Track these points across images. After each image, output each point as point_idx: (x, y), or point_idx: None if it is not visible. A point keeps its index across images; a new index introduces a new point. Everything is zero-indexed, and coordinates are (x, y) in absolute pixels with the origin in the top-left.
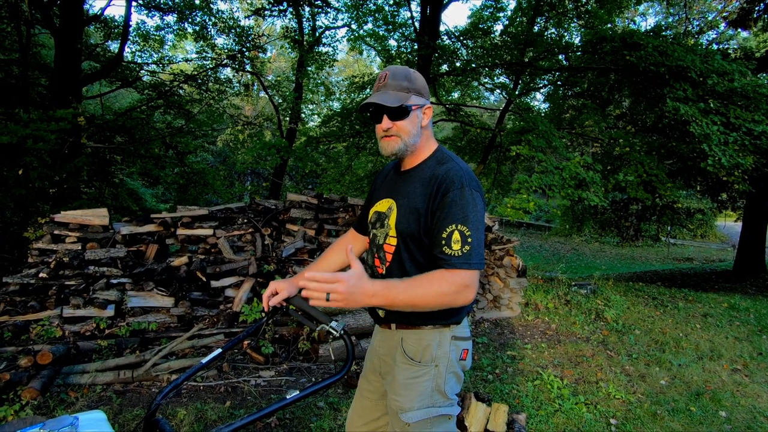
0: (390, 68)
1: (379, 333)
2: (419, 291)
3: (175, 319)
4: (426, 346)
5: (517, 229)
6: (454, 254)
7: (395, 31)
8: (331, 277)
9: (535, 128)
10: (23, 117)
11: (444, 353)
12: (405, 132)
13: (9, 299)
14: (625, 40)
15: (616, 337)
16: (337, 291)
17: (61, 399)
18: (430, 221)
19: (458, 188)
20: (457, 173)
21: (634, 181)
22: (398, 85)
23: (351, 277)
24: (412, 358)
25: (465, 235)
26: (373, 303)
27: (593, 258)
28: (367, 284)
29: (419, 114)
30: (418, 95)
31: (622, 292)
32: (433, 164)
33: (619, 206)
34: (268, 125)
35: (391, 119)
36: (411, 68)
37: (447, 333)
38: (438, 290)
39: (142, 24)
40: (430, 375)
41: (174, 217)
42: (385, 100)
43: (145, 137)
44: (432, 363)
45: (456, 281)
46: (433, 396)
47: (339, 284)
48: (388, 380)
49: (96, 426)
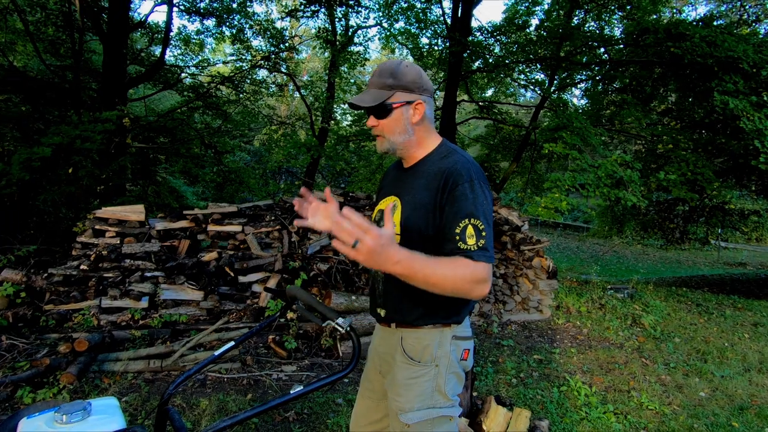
0: (380, 64)
1: (379, 331)
2: (441, 270)
3: (204, 312)
4: (426, 346)
5: (553, 229)
6: (471, 248)
7: (427, 29)
8: (366, 224)
9: (570, 125)
10: (74, 119)
11: (444, 353)
12: (388, 131)
13: (54, 289)
14: (669, 31)
15: (653, 344)
16: (366, 243)
17: (96, 384)
18: (439, 216)
19: (467, 181)
20: (464, 166)
21: (676, 180)
22: (381, 82)
23: (383, 235)
24: (411, 357)
25: (479, 229)
26: (394, 270)
27: (635, 261)
28: (394, 248)
29: (406, 111)
30: (405, 91)
31: (663, 297)
32: (436, 159)
33: (664, 207)
34: (302, 125)
35: (377, 117)
36: (406, 61)
37: (448, 332)
38: (461, 275)
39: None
40: (430, 375)
41: (205, 214)
42: (361, 100)
43: (185, 137)
44: (432, 363)
45: (477, 272)
46: (434, 397)
47: (371, 236)
48: (389, 380)
49: (107, 411)
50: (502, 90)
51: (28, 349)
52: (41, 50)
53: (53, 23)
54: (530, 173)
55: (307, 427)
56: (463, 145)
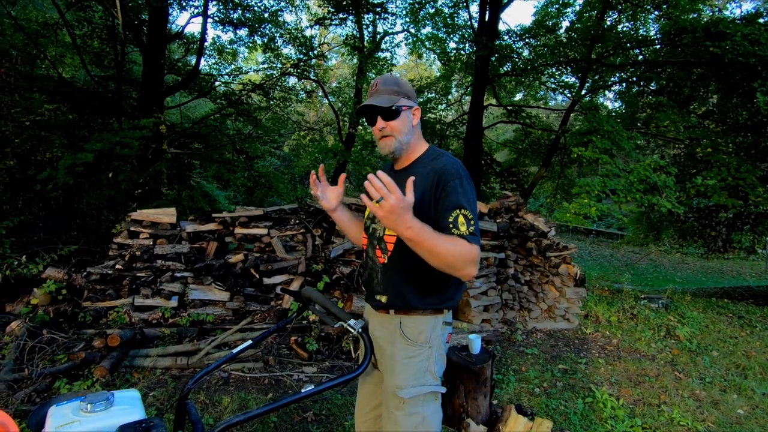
0: (380, 77)
1: (375, 318)
2: (445, 244)
3: (230, 313)
4: (423, 330)
5: (585, 236)
6: (464, 233)
7: (454, 33)
8: (394, 187)
9: (600, 128)
10: (114, 126)
11: (437, 336)
12: (397, 131)
13: (91, 287)
14: (708, 30)
15: (688, 357)
16: (389, 201)
17: (126, 378)
18: (433, 209)
19: (457, 178)
20: (454, 165)
21: (716, 186)
22: (389, 89)
23: (405, 199)
24: (410, 338)
25: (468, 218)
26: (406, 234)
27: (672, 270)
28: (409, 215)
29: (409, 114)
30: (406, 98)
31: (701, 308)
32: (428, 160)
33: (705, 213)
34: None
35: (385, 120)
36: (398, 75)
37: (440, 318)
38: (459, 252)
39: (217, 39)
40: (424, 356)
41: (232, 217)
42: (379, 101)
43: (218, 143)
44: (426, 344)
45: (471, 253)
46: (425, 376)
47: (394, 198)
48: (384, 363)
49: (129, 403)
50: (531, 94)
51: (66, 343)
52: (87, 62)
53: (98, 36)
54: (560, 178)
55: (324, 428)
56: (490, 149)
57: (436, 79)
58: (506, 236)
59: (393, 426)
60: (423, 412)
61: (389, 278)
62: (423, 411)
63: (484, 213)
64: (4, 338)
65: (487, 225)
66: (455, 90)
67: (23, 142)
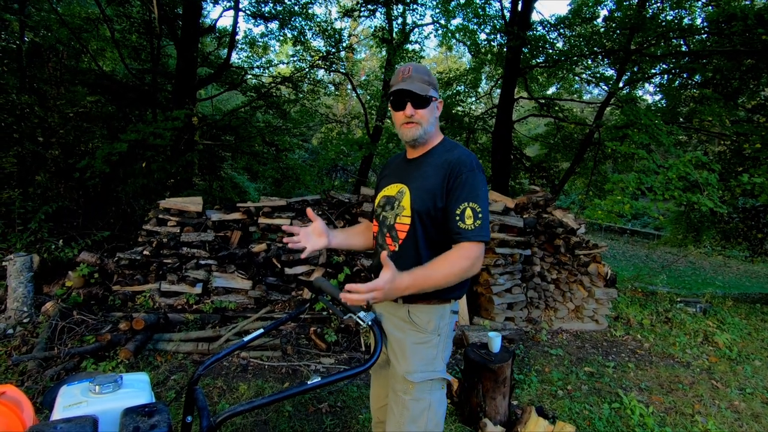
0: (412, 64)
1: (384, 306)
2: (442, 272)
3: (252, 301)
4: (431, 318)
5: (619, 236)
6: (468, 228)
7: (485, 24)
8: (368, 287)
9: (638, 122)
10: (148, 117)
11: (445, 324)
12: (425, 120)
13: (121, 272)
14: (761, 17)
15: (727, 365)
16: (376, 296)
17: (149, 361)
18: (445, 199)
19: (470, 171)
20: (468, 158)
21: (764, 184)
22: (422, 78)
23: (386, 282)
24: (419, 325)
25: (476, 211)
26: (406, 293)
27: (713, 273)
28: (399, 282)
29: (435, 105)
30: (434, 89)
31: (744, 314)
32: (442, 151)
33: (751, 214)
34: (357, 123)
35: (414, 107)
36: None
37: (448, 307)
38: (459, 267)
39: (249, 32)
40: (433, 343)
41: (256, 207)
42: (415, 88)
43: (248, 135)
44: (435, 332)
45: (471, 254)
46: (434, 362)
47: (377, 292)
48: (394, 349)
49: (137, 386)
50: (564, 87)
51: (95, 324)
52: (125, 56)
53: (136, 31)
54: (593, 174)
55: (339, 420)
56: (520, 144)
57: (466, 72)
58: (533, 232)
59: (400, 410)
60: (430, 398)
61: (399, 266)
62: (430, 397)
63: (510, 208)
64: (39, 318)
65: (512, 220)
66: (485, 82)
67: (67, 133)
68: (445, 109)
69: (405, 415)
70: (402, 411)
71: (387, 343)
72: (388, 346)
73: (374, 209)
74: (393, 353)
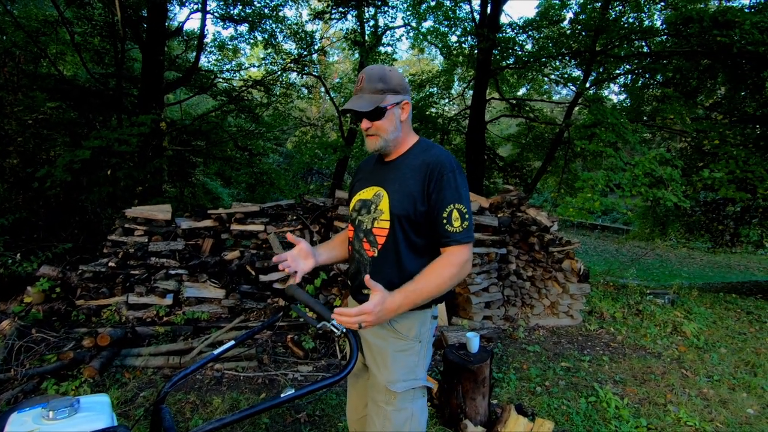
0: (366, 71)
1: None
2: (434, 283)
3: (225, 311)
4: (413, 325)
5: (590, 231)
6: (456, 230)
7: (456, 27)
8: (358, 311)
9: (604, 121)
10: (113, 123)
11: (426, 330)
12: (383, 130)
13: (85, 285)
14: (716, 19)
15: (695, 354)
16: (367, 320)
17: (116, 379)
18: (426, 202)
19: (450, 171)
20: (447, 158)
21: (723, 179)
22: (372, 88)
23: (375, 305)
24: (400, 332)
25: (462, 212)
26: (400, 312)
27: (679, 265)
28: (390, 303)
29: (396, 111)
30: (393, 93)
31: (709, 303)
32: (418, 152)
33: (712, 207)
34: (332, 126)
35: (370, 120)
36: (389, 67)
37: (429, 312)
38: (449, 274)
39: (217, 35)
40: (415, 350)
41: (228, 213)
42: (359, 106)
43: (220, 140)
44: (417, 339)
45: (461, 259)
46: (416, 370)
47: (366, 315)
48: (374, 358)
49: (96, 408)
50: (534, 87)
51: (57, 342)
52: (87, 60)
53: (98, 34)
54: (563, 173)
55: (318, 429)
56: (493, 144)
57: (438, 73)
58: (508, 231)
59: (382, 421)
60: (412, 407)
61: (379, 273)
62: (412, 407)
63: (485, 208)
64: None
65: (487, 220)
66: (457, 84)
67: (26, 141)
68: (419, 111)
69: (387, 426)
70: (384, 422)
71: (368, 351)
72: (368, 354)
73: (350, 214)
74: (374, 362)
